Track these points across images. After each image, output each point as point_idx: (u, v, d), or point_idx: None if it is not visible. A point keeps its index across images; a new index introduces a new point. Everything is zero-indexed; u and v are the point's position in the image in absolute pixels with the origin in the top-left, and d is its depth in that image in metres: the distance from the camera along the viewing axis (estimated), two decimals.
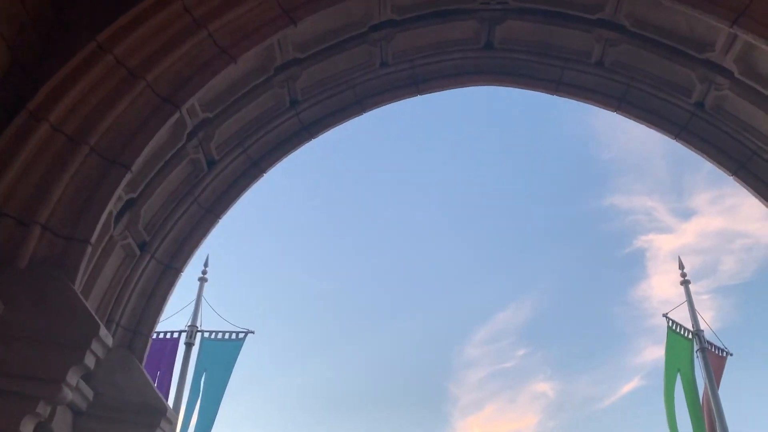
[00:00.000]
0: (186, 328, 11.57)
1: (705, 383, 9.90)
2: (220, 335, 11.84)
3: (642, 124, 4.72)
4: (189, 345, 11.43)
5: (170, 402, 10.86)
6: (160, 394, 3.85)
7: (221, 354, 11.71)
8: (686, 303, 10.65)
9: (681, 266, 10.97)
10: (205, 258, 12.46)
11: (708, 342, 10.31)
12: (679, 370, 10.05)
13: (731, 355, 10.60)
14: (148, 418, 3.68)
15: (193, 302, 11.92)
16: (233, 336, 11.85)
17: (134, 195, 3.85)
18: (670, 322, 10.15)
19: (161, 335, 11.51)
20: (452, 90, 5.17)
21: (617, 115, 4.79)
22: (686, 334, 10.25)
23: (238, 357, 11.86)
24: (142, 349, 3.99)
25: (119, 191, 3.32)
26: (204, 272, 12.27)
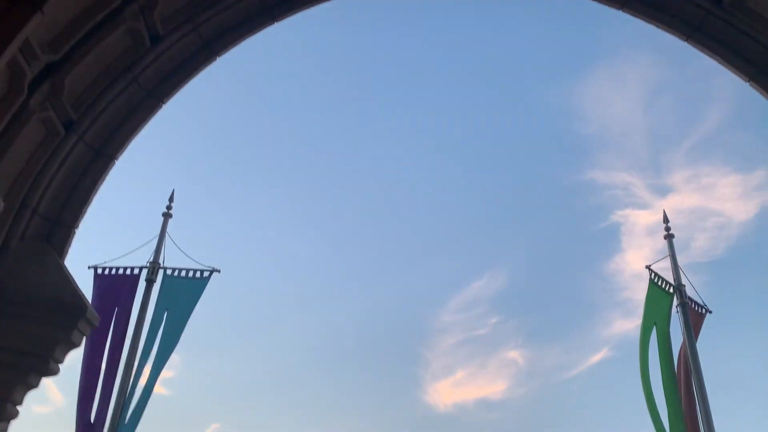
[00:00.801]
0: (147, 265, 10.96)
1: (683, 338, 9.58)
2: (183, 273, 11.25)
3: (650, 23, 4.18)
4: (150, 282, 10.85)
5: (128, 340, 10.39)
6: (82, 293, 3.30)
7: (184, 292, 11.15)
8: (669, 257, 10.28)
9: (665, 220, 10.57)
10: (170, 192, 11.81)
11: (688, 298, 9.99)
12: (655, 324, 9.72)
13: (710, 312, 10.32)
14: (64, 317, 3.14)
15: (156, 238, 11.29)
16: (197, 274, 11.27)
17: (55, 57, 3.23)
18: (653, 274, 9.79)
19: (121, 271, 10.92)
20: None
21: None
22: (667, 288, 9.90)
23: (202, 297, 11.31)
24: (63, 242, 3.42)
25: (27, 31, 2.69)
26: (169, 207, 11.61)
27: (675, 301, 9.93)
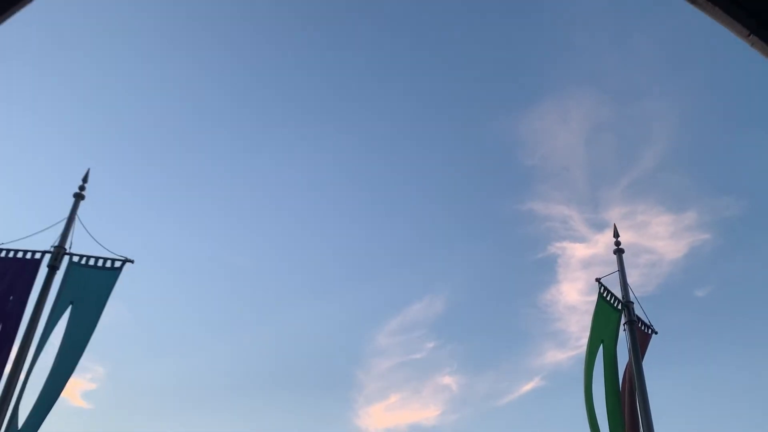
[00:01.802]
0: (51, 249, 9.75)
1: (630, 356, 9.09)
2: (92, 261, 10.07)
3: None
4: (53, 269, 9.62)
5: (20, 333, 9.12)
6: None
7: (92, 284, 9.96)
8: (618, 272, 9.83)
9: (616, 234, 10.14)
10: (85, 172, 10.64)
11: (636, 316, 9.53)
12: (602, 342, 9.20)
13: (656, 333, 9.90)
14: None
15: (64, 221, 10.09)
16: (107, 264, 10.11)
17: None
18: (602, 288, 9.30)
19: (19, 254, 9.68)
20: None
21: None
22: (616, 304, 9.42)
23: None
24: None
25: None
26: (81, 188, 10.44)
27: (623, 319, 9.45)
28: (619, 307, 9.46)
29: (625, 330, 9.39)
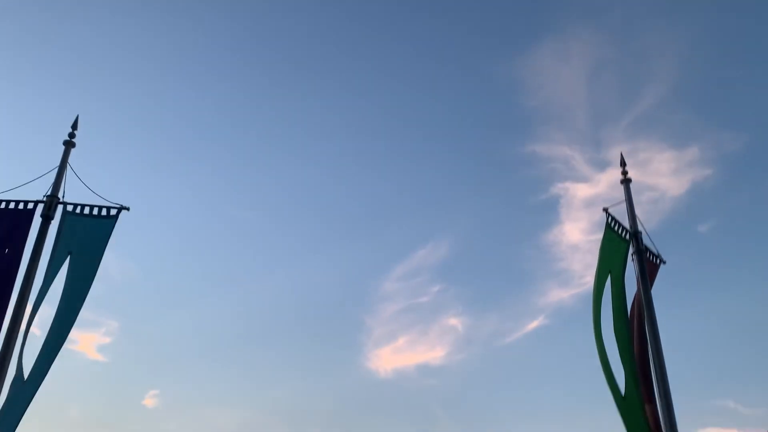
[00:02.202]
0: (44, 198, 9.48)
1: (638, 287, 8.95)
2: (87, 210, 9.83)
3: None
4: (47, 218, 9.37)
5: (17, 286, 8.95)
6: None
7: (88, 233, 9.74)
8: (625, 203, 9.61)
9: (623, 163, 9.87)
10: (74, 118, 10.27)
11: (645, 246, 9.36)
12: (610, 272, 9.05)
13: (664, 263, 9.75)
14: None
15: (55, 170, 9.79)
16: (103, 212, 9.87)
17: None
18: (610, 218, 9.08)
19: (12, 205, 9.44)
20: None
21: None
22: (624, 234, 9.23)
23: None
24: None
25: None
26: (71, 135, 10.10)
27: (631, 249, 9.28)
28: (627, 237, 9.27)
29: (633, 260, 9.23)
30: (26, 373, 8.26)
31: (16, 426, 7.93)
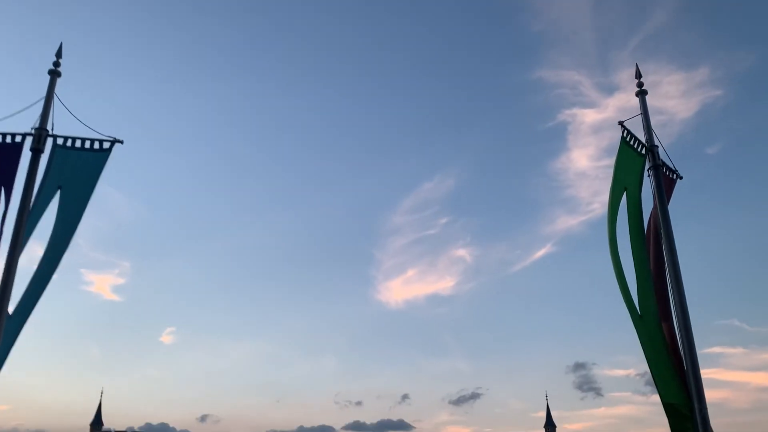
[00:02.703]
0: (32, 131, 9.05)
1: (655, 202, 8.61)
2: (78, 143, 9.42)
3: None
4: (37, 152, 8.97)
5: (10, 222, 8.59)
6: None
7: (80, 166, 9.38)
8: (641, 116, 9.18)
9: (638, 75, 9.38)
10: (57, 46, 9.73)
11: (661, 161, 8.98)
12: (626, 189, 8.70)
13: (681, 178, 9.40)
14: None
15: (42, 101, 9.31)
16: (95, 145, 9.47)
17: None
18: (625, 132, 8.67)
19: None
20: None
21: None
22: (640, 149, 8.84)
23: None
24: None
25: None
26: (56, 64, 9.58)
27: (647, 164, 8.90)
28: (643, 151, 8.88)
29: (649, 176, 8.87)
30: (11, 308, 8.04)
31: (4, 360, 7.76)
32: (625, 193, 8.71)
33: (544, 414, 78.47)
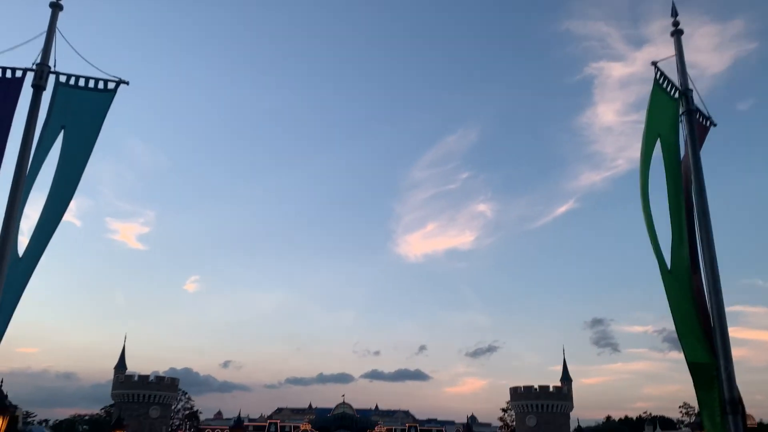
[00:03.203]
0: (33, 66, 8.68)
1: (687, 150, 8.06)
2: (82, 82, 9.05)
3: None
4: (38, 88, 8.62)
5: (12, 160, 8.33)
6: None
7: (84, 106, 9.04)
8: (675, 57, 8.54)
9: (674, 13, 8.71)
10: None
11: (695, 106, 8.39)
12: (659, 136, 8.14)
13: (715, 125, 8.80)
14: None
15: (44, 34, 8.90)
16: (100, 85, 9.10)
17: None
18: (658, 73, 8.07)
19: None
20: None
21: None
22: (673, 93, 8.25)
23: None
24: None
25: None
26: None
27: (680, 109, 8.33)
28: (677, 95, 8.29)
29: (682, 121, 8.30)
30: (21, 251, 7.84)
31: (16, 304, 7.60)
32: (658, 141, 8.17)
33: (560, 368, 79.06)
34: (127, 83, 9.25)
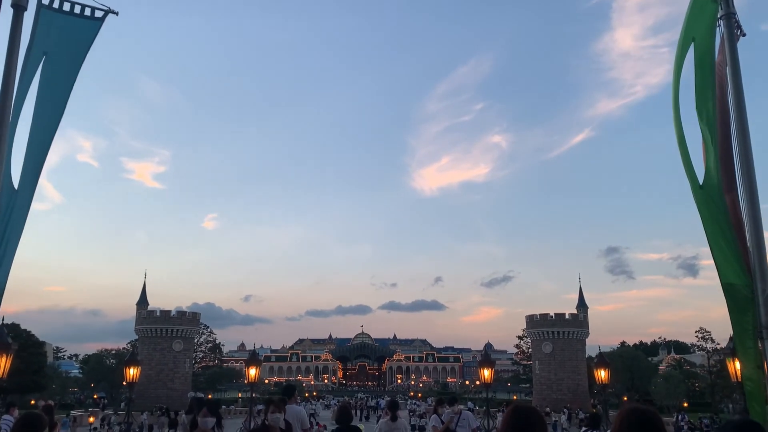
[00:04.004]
0: None
1: (723, 55, 7.37)
2: (67, 6, 8.42)
3: None
4: (18, 8, 7.97)
5: None
6: None
7: (69, 34, 8.47)
8: None
9: None
10: None
11: (734, 8, 7.62)
12: (693, 40, 7.44)
13: (744, 35, 8.05)
14: None
15: None
16: (86, 12, 8.47)
17: None
18: None
19: None
20: None
21: None
22: None
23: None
24: None
25: None
26: None
27: (719, 12, 7.57)
28: None
29: (719, 26, 7.56)
30: (16, 182, 7.45)
31: (20, 235, 7.27)
32: (692, 45, 7.49)
33: (574, 296, 79.64)
34: (116, 13, 8.61)
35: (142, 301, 75.33)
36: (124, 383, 22.99)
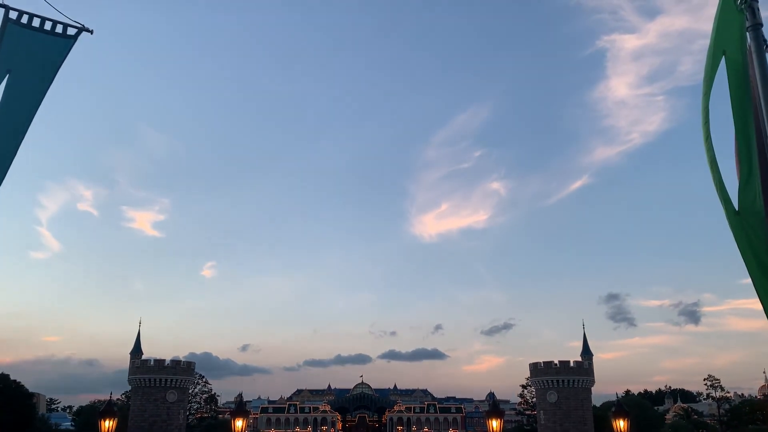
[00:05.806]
0: None
1: (749, 65, 6.70)
2: (37, 22, 7.78)
3: None
4: None
5: None
6: None
7: (38, 51, 7.81)
8: None
9: None
10: None
11: (761, 20, 6.97)
12: (724, 52, 6.77)
13: None
14: None
15: None
16: (58, 29, 7.86)
17: None
18: None
19: None
20: None
21: None
22: (739, 3, 6.85)
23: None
24: None
25: None
26: None
27: (746, 23, 6.93)
28: (743, 6, 6.88)
29: (747, 36, 6.90)
30: None
31: None
32: (723, 58, 6.82)
33: (576, 343, 78.03)
34: (91, 32, 7.99)
35: (137, 349, 73.60)
36: None
